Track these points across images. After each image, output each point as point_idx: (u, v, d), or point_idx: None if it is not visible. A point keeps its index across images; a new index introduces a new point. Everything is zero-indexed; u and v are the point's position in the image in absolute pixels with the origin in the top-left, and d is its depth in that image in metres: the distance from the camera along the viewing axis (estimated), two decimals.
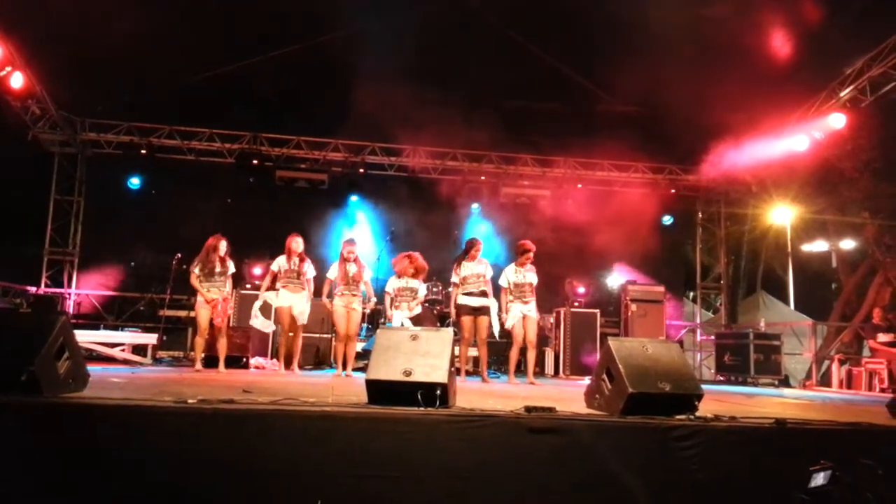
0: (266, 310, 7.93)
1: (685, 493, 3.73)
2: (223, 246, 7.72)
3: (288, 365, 7.89)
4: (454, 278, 7.96)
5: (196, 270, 7.62)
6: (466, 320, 7.78)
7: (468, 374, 8.44)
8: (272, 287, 7.87)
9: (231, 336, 8.85)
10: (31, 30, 8.99)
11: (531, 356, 7.88)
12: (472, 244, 7.97)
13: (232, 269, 7.80)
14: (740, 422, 4.07)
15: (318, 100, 11.05)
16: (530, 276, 7.86)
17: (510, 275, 7.86)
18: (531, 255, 7.88)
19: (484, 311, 7.79)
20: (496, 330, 7.84)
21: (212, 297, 7.52)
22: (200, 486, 3.40)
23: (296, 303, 7.77)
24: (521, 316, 7.72)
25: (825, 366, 11.95)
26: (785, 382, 10.88)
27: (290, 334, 7.89)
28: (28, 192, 11.83)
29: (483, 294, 7.81)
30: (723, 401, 6.09)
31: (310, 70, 10.45)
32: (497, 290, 7.96)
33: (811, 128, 10.32)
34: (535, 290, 7.91)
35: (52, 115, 11.12)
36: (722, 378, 11.47)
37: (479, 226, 12.55)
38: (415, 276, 8.21)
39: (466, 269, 7.87)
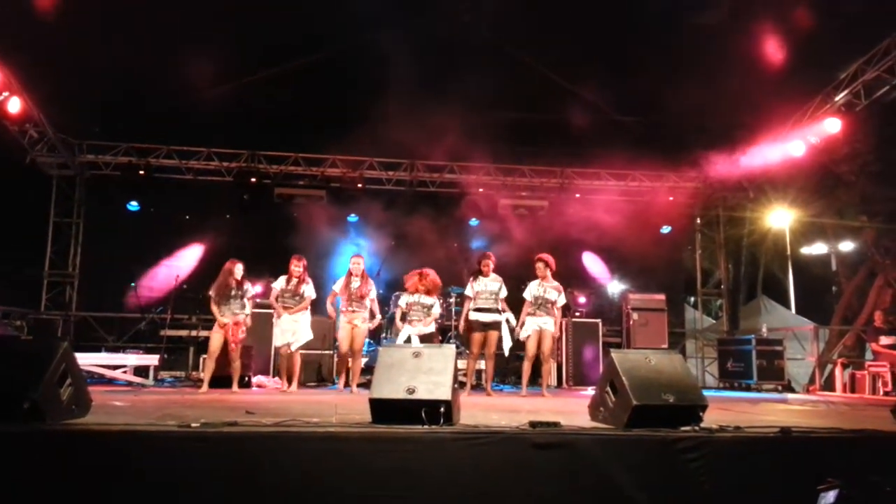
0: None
1: None
2: (239, 270, 7.76)
3: (288, 383, 7.88)
4: (468, 291, 7.93)
5: (212, 294, 7.70)
6: (477, 336, 7.73)
7: (472, 387, 8.41)
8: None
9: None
10: (27, 54, 9.03)
11: (545, 369, 7.89)
12: (481, 258, 7.95)
13: (250, 291, 7.86)
14: (745, 432, 4.06)
15: (315, 116, 11.09)
16: (552, 292, 7.83)
17: (533, 288, 7.87)
18: (542, 265, 7.88)
19: (495, 326, 7.75)
20: (506, 346, 7.83)
21: (224, 322, 7.54)
22: None
23: (289, 328, 7.81)
24: (537, 329, 7.69)
25: (828, 370, 11.93)
26: (788, 387, 10.87)
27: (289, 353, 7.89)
28: (27, 214, 11.84)
29: (495, 311, 7.77)
30: (727, 409, 6.09)
31: (306, 87, 10.49)
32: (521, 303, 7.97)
33: (807, 133, 10.35)
34: (557, 307, 7.88)
35: (50, 139, 11.16)
36: (725, 385, 11.45)
37: (477, 238, 12.53)
38: (428, 293, 8.17)
39: (480, 284, 7.83)
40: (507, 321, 7.91)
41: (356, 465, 3.53)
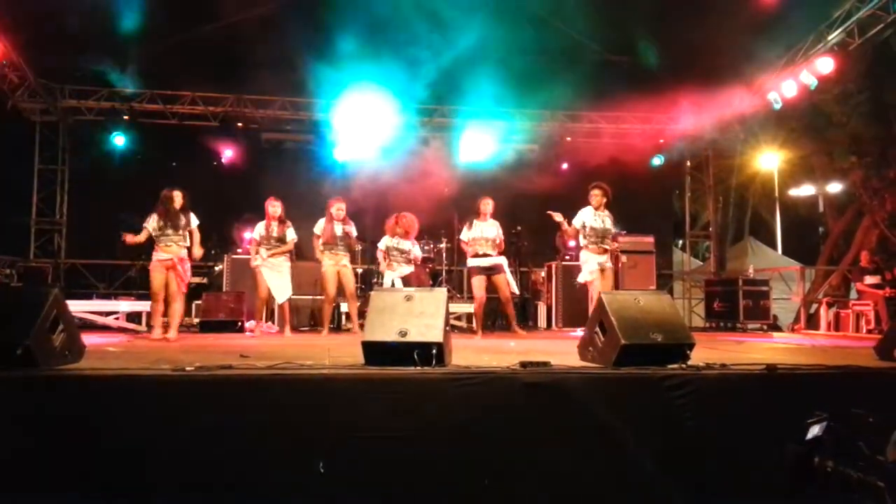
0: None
1: (679, 441, 3.81)
2: (178, 197, 6.90)
3: (281, 328, 7.89)
4: (463, 236, 7.78)
5: (150, 226, 6.84)
6: (478, 280, 7.61)
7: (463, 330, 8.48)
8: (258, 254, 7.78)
9: (224, 300, 8.87)
10: None
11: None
12: (478, 203, 7.74)
13: (194, 221, 6.99)
14: (731, 369, 4.15)
15: (302, 59, 10.84)
16: (609, 221, 7.28)
17: (587, 217, 7.23)
18: (599, 193, 7.30)
19: (497, 269, 7.60)
20: (514, 286, 7.77)
21: (167, 256, 6.75)
22: (201, 454, 3.44)
23: (273, 277, 7.69)
24: (597, 269, 7.18)
25: (813, 309, 12.11)
26: (774, 327, 11.03)
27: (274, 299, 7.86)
28: (11, 161, 11.64)
29: (492, 255, 7.63)
30: (714, 348, 6.18)
31: (292, 29, 10.23)
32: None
33: (799, 73, 10.24)
34: (614, 238, 7.32)
35: (31, 83, 10.88)
36: (712, 325, 11.62)
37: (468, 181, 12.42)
38: (404, 236, 8.18)
39: (476, 229, 7.65)
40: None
41: (350, 406, 3.59)
